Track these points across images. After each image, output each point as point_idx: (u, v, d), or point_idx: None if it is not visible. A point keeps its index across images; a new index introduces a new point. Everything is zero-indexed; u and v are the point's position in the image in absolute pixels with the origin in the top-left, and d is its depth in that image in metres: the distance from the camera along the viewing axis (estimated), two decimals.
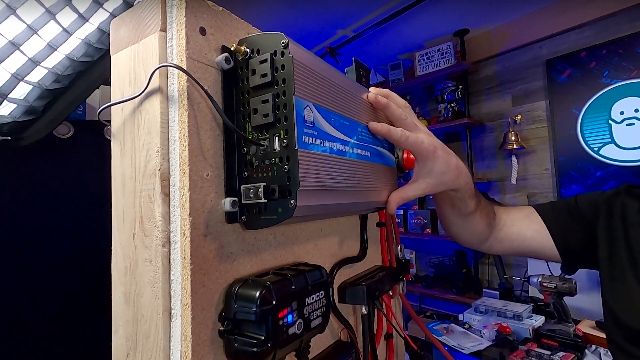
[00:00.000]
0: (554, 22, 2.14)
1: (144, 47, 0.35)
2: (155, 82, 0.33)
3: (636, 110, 1.88)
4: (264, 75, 0.34)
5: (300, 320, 0.35)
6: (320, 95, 0.37)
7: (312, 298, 0.37)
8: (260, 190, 0.33)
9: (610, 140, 1.97)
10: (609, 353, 1.41)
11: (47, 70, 0.62)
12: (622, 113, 1.93)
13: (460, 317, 1.87)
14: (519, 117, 2.27)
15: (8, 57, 0.57)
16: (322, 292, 0.39)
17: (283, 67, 0.34)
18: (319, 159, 0.36)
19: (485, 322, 1.71)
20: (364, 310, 0.51)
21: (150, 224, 0.33)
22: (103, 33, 0.64)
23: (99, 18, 0.63)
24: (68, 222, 0.94)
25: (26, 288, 0.88)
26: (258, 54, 0.35)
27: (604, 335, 1.45)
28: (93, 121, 1.10)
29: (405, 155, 0.66)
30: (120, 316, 0.36)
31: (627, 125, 1.91)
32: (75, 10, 0.59)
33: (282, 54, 0.34)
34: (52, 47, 0.60)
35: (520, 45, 2.31)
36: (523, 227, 0.68)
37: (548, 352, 1.38)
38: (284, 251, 0.43)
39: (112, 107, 0.37)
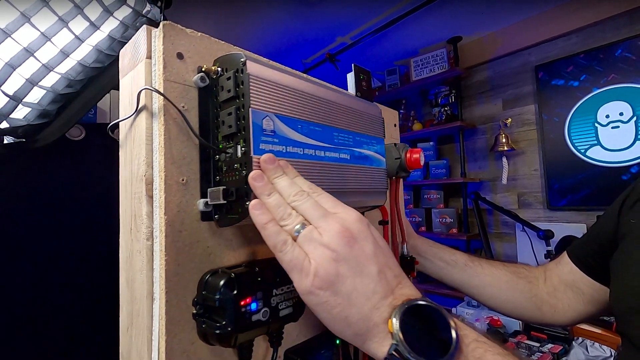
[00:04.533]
0: (543, 30, 2.14)
1: (137, 73, 0.38)
2: (142, 102, 0.37)
3: (621, 114, 1.89)
4: (229, 90, 0.37)
5: (265, 308, 0.36)
6: (283, 105, 0.39)
7: (282, 289, 0.38)
8: (220, 192, 0.36)
9: (596, 142, 1.97)
10: (595, 345, 1.40)
11: (60, 76, 0.63)
12: (607, 116, 1.93)
13: (453, 310, 1.87)
14: (510, 120, 2.27)
15: (23, 63, 0.57)
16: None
17: (242, 82, 0.36)
18: None
19: (478, 315, 1.71)
20: None
21: (139, 221, 0.37)
22: (113, 40, 0.64)
23: (109, 26, 0.63)
24: (80, 219, 0.94)
25: (38, 284, 0.88)
26: (226, 72, 0.38)
27: (590, 329, 1.45)
28: (104, 124, 1.10)
29: (408, 155, 0.64)
30: (124, 297, 0.40)
31: (613, 128, 1.91)
32: (87, 19, 0.59)
33: (242, 71, 0.36)
34: (64, 54, 0.60)
35: (510, 52, 2.31)
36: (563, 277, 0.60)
37: (537, 344, 1.38)
38: (267, 247, 0.44)
39: (120, 122, 0.41)
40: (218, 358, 0.37)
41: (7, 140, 0.66)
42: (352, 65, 0.66)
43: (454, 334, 0.26)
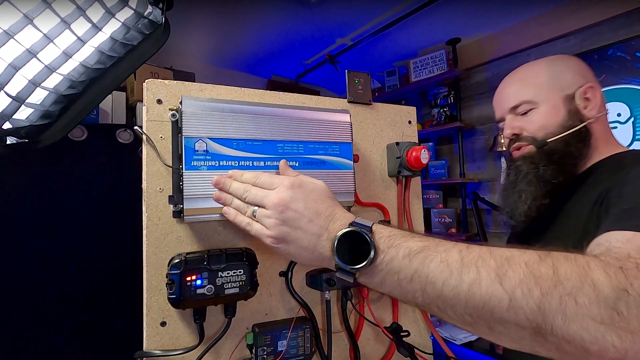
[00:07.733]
0: (541, 31, 2.14)
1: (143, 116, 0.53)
2: (141, 136, 0.52)
3: (619, 115, 1.88)
4: (178, 122, 0.48)
5: (210, 285, 0.47)
6: (217, 129, 0.49)
7: (228, 273, 0.48)
8: (166, 199, 0.49)
9: None
10: None
11: (62, 77, 0.62)
12: None
13: None
14: None
15: (25, 64, 0.57)
16: (242, 270, 0.49)
17: (181, 116, 0.48)
18: (212, 175, 0.47)
19: None
20: (327, 296, 0.58)
21: (144, 217, 0.51)
22: (115, 42, 0.64)
23: (111, 27, 0.63)
24: (81, 218, 0.94)
25: (39, 281, 0.88)
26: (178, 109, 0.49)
27: None
28: (106, 125, 1.10)
29: (409, 153, 0.64)
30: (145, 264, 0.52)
31: (611, 128, 1.91)
32: (89, 20, 0.59)
33: (180, 107, 0.48)
34: (67, 55, 0.60)
35: (509, 54, 2.30)
36: None
37: None
38: (237, 240, 0.55)
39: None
40: (183, 316, 0.51)
41: (10, 140, 0.66)
42: (346, 71, 0.68)
43: (370, 244, 0.37)
